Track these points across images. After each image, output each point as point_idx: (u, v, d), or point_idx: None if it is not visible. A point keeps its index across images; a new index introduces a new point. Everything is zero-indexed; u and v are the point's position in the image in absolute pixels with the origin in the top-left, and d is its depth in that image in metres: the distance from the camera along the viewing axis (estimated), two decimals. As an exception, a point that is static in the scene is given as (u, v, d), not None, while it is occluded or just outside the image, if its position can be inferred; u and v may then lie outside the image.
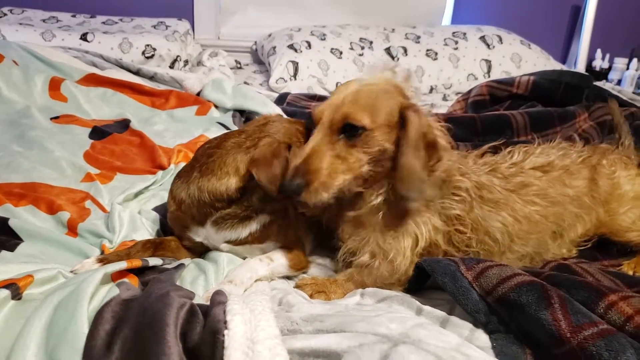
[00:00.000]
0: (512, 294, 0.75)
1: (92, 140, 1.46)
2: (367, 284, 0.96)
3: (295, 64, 2.50)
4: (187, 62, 2.55)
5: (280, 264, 1.00)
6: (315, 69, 2.52)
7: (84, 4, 2.76)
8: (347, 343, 0.61)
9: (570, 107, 1.83)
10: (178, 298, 0.69)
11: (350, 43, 2.69)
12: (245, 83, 2.47)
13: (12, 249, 0.93)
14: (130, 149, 1.47)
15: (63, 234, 1.03)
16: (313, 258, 1.11)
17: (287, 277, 1.03)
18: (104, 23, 2.61)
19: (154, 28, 2.60)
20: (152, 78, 2.07)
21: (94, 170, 1.30)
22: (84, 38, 2.32)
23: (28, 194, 1.11)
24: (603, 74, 3.32)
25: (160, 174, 1.33)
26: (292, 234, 1.02)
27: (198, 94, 1.92)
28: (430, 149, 0.88)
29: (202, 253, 1.06)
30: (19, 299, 0.75)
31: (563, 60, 3.43)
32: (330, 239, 1.04)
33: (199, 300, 0.79)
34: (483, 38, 2.84)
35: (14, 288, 0.74)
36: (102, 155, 1.40)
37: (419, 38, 2.81)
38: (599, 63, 3.39)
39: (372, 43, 2.72)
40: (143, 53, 2.37)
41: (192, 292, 0.78)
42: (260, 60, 2.94)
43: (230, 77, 2.42)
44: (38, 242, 0.97)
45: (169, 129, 1.65)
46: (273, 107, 1.78)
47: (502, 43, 2.84)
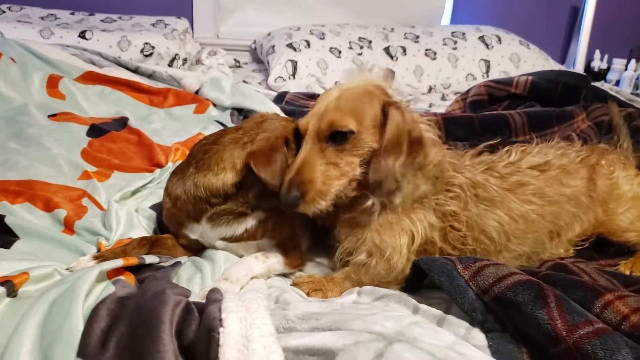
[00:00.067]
0: (508, 293, 0.75)
1: (89, 138, 1.46)
2: (364, 283, 0.96)
3: (294, 63, 2.50)
4: (185, 60, 2.54)
5: (276, 262, 1.00)
6: (314, 68, 2.52)
7: (83, 2, 2.75)
8: (342, 341, 0.61)
9: (568, 107, 1.83)
10: (174, 296, 0.68)
11: (349, 42, 2.69)
12: (244, 82, 2.47)
13: (7, 246, 0.93)
14: (128, 147, 1.47)
15: (59, 232, 1.03)
16: (310, 256, 1.10)
17: (283, 274, 1.03)
18: (103, 21, 2.60)
19: (153, 26, 2.59)
20: (150, 76, 2.07)
21: (92, 168, 1.30)
22: (83, 36, 2.32)
23: (25, 192, 1.11)
24: (602, 75, 3.32)
25: (158, 172, 1.32)
26: (287, 231, 1.02)
27: (196, 92, 1.92)
28: (416, 145, 0.87)
29: (198, 251, 1.06)
30: (15, 296, 0.75)
31: (562, 61, 3.44)
32: (327, 237, 1.04)
33: (195, 298, 0.79)
34: (482, 38, 2.84)
35: (10, 285, 0.74)
36: (99, 153, 1.39)
37: (418, 38, 2.81)
38: (598, 64, 3.39)
39: (371, 42, 2.72)
40: (142, 51, 2.37)
41: (187, 289, 0.78)
42: (259, 59, 2.94)
43: (229, 75, 2.43)
44: (34, 239, 0.97)
45: (167, 127, 1.65)
46: (271, 105, 1.78)
47: (501, 43, 2.84)
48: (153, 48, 2.39)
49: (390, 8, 3.20)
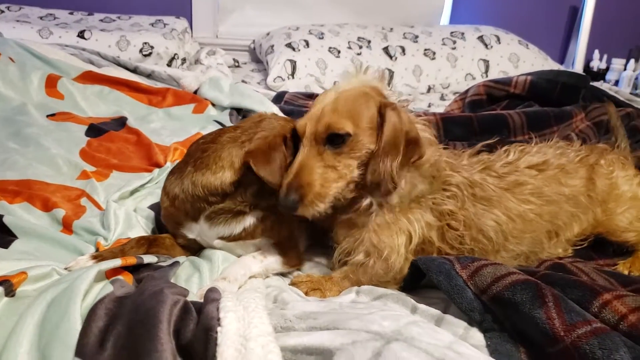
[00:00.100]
0: (506, 293, 0.75)
1: (88, 138, 1.46)
2: (362, 282, 0.96)
3: (293, 63, 2.50)
4: (184, 60, 2.54)
5: (274, 261, 1.00)
6: (313, 68, 2.52)
7: (82, 2, 2.75)
8: (340, 340, 0.61)
9: (567, 107, 1.84)
10: (172, 295, 0.68)
11: (349, 42, 2.69)
12: (243, 81, 2.47)
13: (6, 246, 0.93)
14: (127, 147, 1.47)
15: (58, 231, 1.03)
16: (308, 256, 1.10)
17: (281, 274, 1.03)
18: (102, 21, 2.60)
19: (152, 26, 2.59)
20: (149, 76, 2.07)
21: (90, 168, 1.30)
22: (82, 35, 2.31)
23: (23, 191, 1.11)
24: (601, 75, 3.32)
25: (157, 172, 1.32)
26: (285, 230, 1.02)
27: (195, 92, 1.92)
28: (413, 145, 0.88)
29: (197, 251, 1.06)
30: (13, 296, 0.75)
31: (561, 61, 3.44)
32: (325, 238, 1.04)
33: (193, 298, 0.79)
34: (481, 38, 2.84)
35: (8, 285, 0.74)
36: (98, 153, 1.39)
37: (417, 37, 2.81)
38: (597, 64, 3.39)
39: (370, 42, 2.72)
40: (141, 51, 2.37)
41: (186, 289, 0.78)
42: (258, 59, 2.93)
43: (228, 75, 2.43)
44: (32, 239, 0.97)
45: (166, 127, 1.65)
46: (270, 105, 1.78)
47: (500, 43, 2.84)
48: (152, 48, 2.38)
49: (390, 8, 3.20)
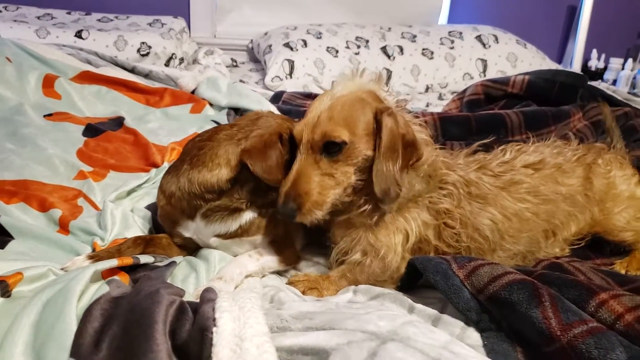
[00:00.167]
0: (503, 292, 0.75)
1: (85, 138, 1.45)
2: (359, 281, 0.96)
3: (291, 63, 2.50)
4: (182, 60, 2.54)
5: (270, 259, 1.00)
6: (311, 68, 2.52)
7: (79, 1, 2.75)
8: (335, 340, 0.61)
9: (565, 106, 1.84)
10: (168, 295, 0.68)
11: (346, 42, 2.68)
12: (241, 81, 2.46)
13: (2, 247, 0.93)
14: (124, 147, 1.46)
15: (54, 232, 1.03)
16: (306, 255, 1.10)
17: (279, 273, 1.03)
18: (99, 20, 2.60)
19: (150, 26, 2.59)
20: (147, 76, 2.06)
21: (87, 168, 1.29)
22: (79, 35, 2.31)
23: (20, 192, 1.10)
24: (599, 74, 3.33)
25: (154, 172, 1.32)
26: (282, 228, 1.02)
27: (193, 92, 1.91)
28: (411, 148, 0.88)
29: (194, 251, 1.06)
30: (8, 297, 0.75)
31: (559, 60, 3.44)
32: (323, 237, 1.04)
33: (189, 298, 0.79)
34: (479, 37, 2.84)
35: (3, 285, 0.74)
36: (95, 153, 1.39)
37: (415, 37, 2.81)
38: (595, 63, 3.40)
39: (368, 42, 2.72)
40: (138, 51, 2.36)
41: (182, 289, 0.78)
42: (256, 59, 2.93)
43: (226, 75, 2.42)
44: (29, 239, 0.96)
45: (163, 127, 1.65)
46: (268, 105, 1.78)
47: (498, 42, 2.84)
48: (150, 48, 2.38)
49: (388, 7, 3.20)
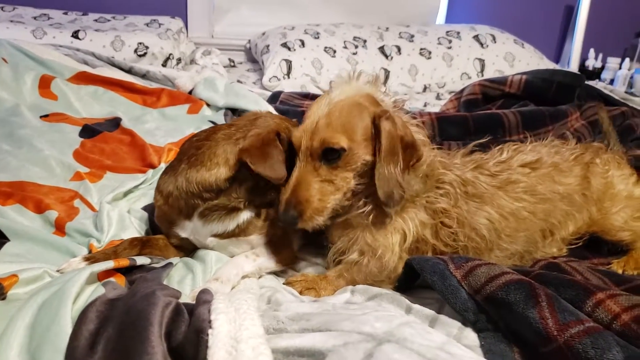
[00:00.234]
0: (500, 293, 0.75)
1: (82, 139, 1.45)
2: (357, 281, 0.96)
3: (289, 63, 2.49)
4: (180, 60, 2.53)
5: (267, 260, 0.99)
6: (309, 68, 2.52)
7: (76, 1, 2.74)
8: (332, 342, 0.61)
9: (562, 106, 1.84)
10: (163, 297, 0.68)
11: (344, 42, 2.68)
12: (239, 81, 2.46)
13: (-3, 248, 0.92)
14: (121, 148, 1.46)
15: (50, 233, 1.02)
16: (304, 255, 1.10)
17: (276, 273, 1.03)
18: (96, 21, 2.59)
19: (147, 26, 2.58)
20: (144, 76, 2.06)
21: (84, 169, 1.29)
22: (76, 36, 2.30)
23: (16, 193, 1.10)
24: (596, 74, 3.33)
25: (151, 173, 1.32)
26: (279, 228, 1.01)
27: (190, 92, 1.91)
28: (410, 149, 0.88)
29: (190, 252, 1.05)
30: (3, 299, 0.75)
31: (556, 60, 3.44)
32: (320, 237, 1.04)
33: (186, 299, 0.78)
34: (477, 37, 2.84)
35: (-2, 287, 0.73)
36: (92, 154, 1.39)
37: (413, 37, 2.81)
38: (592, 62, 3.40)
39: (365, 42, 2.72)
40: (135, 51, 2.36)
41: (178, 291, 0.78)
42: (254, 59, 2.93)
43: (224, 75, 2.42)
44: (24, 241, 0.96)
45: (160, 128, 1.64)
46: (265, 105, 1.78)
47: (495, 42, 2.84)
48: (147, 48, 2.37)
49: (385, 7, 3.20)
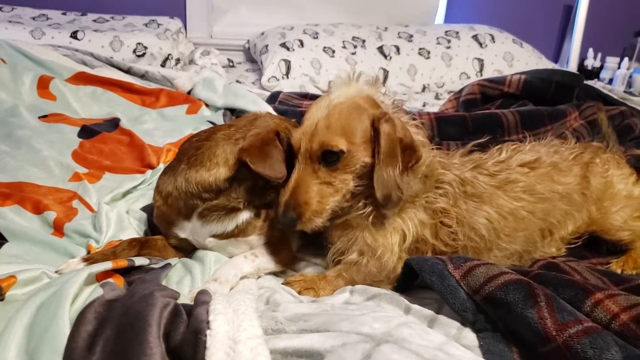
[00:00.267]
0: (498, 293, 0.75)
1: (80, 139, 1.45)
2: (356, 281, 0.96)
3: (288, 63, 2.49)
4: (179, 60, 2.53)
5: (266, 260, 0.99)
6: (308, 68, 2.52)
7: (75, 2, 2.73)
8: (330, 343, 0.61)
9: (561, 106, 1.84)
10: (162, 298, 0.68)
11: (343, 42, 2.68)
12: (238, 82, 2.46)
13: (-5, 249, 0.92)
14: (120, 148, 1.46)
15: (49, 234, 1.02)
16: (303, 256, 1.10)
17: (275, 273, 1.03)
18: (95, 21, 2.59)
19: (146, 26, 2.58)
20: (143, 77, 2.06)
21: (82, 170, 1.29)
22: (74, 36, 2.30)
23: (14, 194, 1.10)
24: (595, 73, 3.33)
25: (149, 173, 1.32)
26: (278, 229, 1.01)
27: (189, 93, 1.91)
28: (409, 151, 0.88)
29: (189, 252, 1.05)
30: (2, 300, 0.75)
31: (555, 60, 3.45)
32: (320, 238, 1.04)
33: (184, 300, 0.78)
34: (475, 37, 2.84)
35: (-4, 289, 0.73)
36: (90, 155, 1.38)
37: (412, 37, 2.81)
38: (591, 62, 3.40)
39: (364, 42, 2.72)
40: (134, 51, 2.36)
41: (176, 291, 0.78)
42: (253, 59, 2.93)
43: (223, 75, 2.42)
44: (23, 242, 0.96)
45: (159, 128, 1.64)
46: (264, 105, 1.78)
47: (494, 42, 2.84)
48: (146, 48, 2.37)
49: (384, 7, 3.20)
